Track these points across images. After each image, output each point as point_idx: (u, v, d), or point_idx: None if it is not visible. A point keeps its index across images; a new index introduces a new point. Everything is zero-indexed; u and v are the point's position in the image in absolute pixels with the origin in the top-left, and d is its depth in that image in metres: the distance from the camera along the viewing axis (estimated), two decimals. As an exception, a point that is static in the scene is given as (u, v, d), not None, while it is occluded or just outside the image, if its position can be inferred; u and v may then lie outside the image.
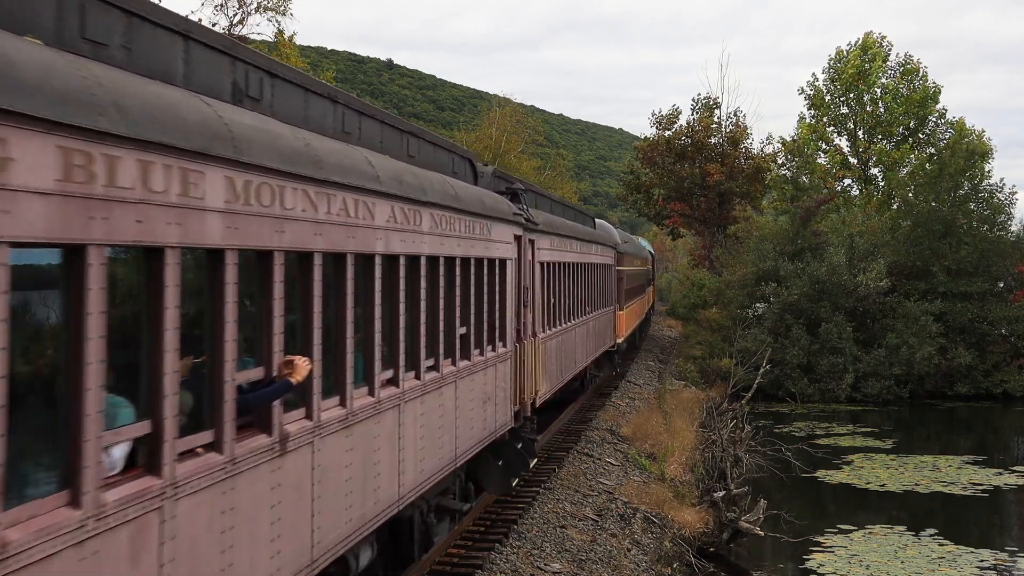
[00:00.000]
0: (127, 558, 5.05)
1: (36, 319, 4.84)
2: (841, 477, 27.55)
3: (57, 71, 4.61)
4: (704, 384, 39.62)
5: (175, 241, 5.40)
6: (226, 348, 6.11)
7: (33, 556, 4.37)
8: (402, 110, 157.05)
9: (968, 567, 19.54)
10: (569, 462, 20.57)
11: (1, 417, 4.22)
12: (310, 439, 7.44)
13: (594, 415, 26.60)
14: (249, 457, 6.41)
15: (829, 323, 43.17)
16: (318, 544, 7.54)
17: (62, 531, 4.55)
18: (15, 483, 4.38)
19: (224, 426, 6.12)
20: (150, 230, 5.15)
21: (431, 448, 10.71)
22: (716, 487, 20.93)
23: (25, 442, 4.56)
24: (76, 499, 4.68)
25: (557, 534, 15.57)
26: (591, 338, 25.94)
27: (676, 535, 18.30)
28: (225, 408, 6.12)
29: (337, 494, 7.97)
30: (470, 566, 13.05)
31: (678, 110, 61.87)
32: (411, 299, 10.01)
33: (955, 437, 36.61)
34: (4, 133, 4.14)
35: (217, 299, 6.07)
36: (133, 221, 5.00)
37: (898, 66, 60.10)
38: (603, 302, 28.49)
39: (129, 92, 5.18)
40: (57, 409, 4.79)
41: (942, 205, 47.23)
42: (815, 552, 20.40)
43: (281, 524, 6.86)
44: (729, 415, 28.46)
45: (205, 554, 5.82)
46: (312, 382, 7.44)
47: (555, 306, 19.62)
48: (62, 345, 4.78)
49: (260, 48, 36.71)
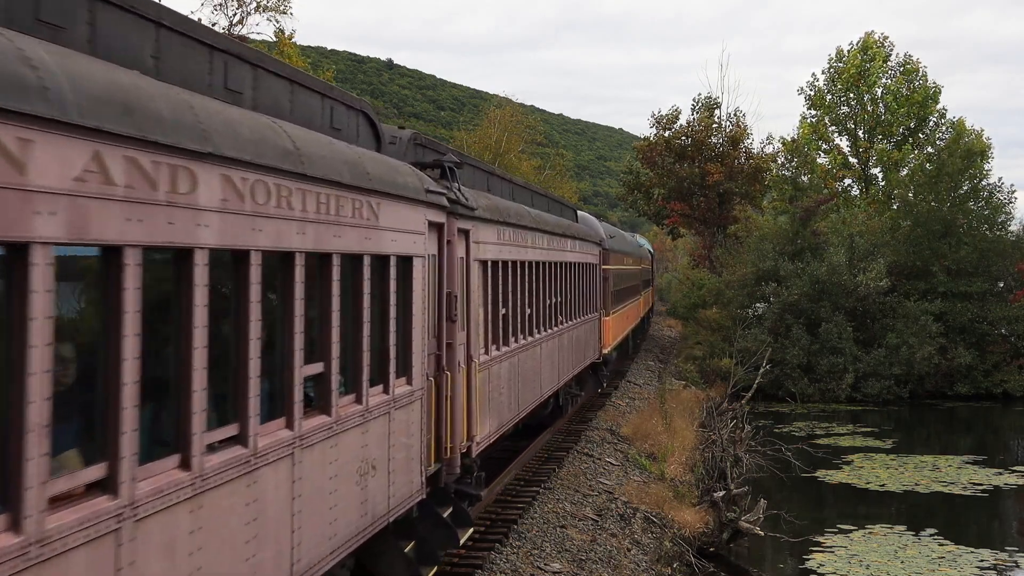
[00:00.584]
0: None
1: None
2: (841, 477, 27.55)
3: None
4: (704, 384, 39.62)
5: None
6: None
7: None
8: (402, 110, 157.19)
9: (968, 567, 19.53)
10: (569, 462, 20.57)
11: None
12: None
13: (594, 415, 26.59)
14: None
15: (829, 323, 43.17)
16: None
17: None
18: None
19: None
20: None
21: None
22: (716, 487, 20.92)
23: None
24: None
25: (557, 534, 15.56)
26: (568, 352, 21.94)
27: (676, 535, 18.30)
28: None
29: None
30: (470, 566, 13.04)
31: (678, 110, 61.96)
32: (163, 328, 5.75)
33: (955, 437, 36.61)
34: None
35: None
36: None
37: (898, 66, 60.13)
38: (585, 308, 24.50)
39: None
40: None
41: (942, 205, 47.24)
42: (815, 552, 20.39)
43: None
44: (729, 415, 28.45)
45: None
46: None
47: (508, 318, 15.44)
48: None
49: (260, 48, 36.72)
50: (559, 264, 20.43)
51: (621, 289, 33.59)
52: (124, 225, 5.04)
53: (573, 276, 22.41)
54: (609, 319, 29.27)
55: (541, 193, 23.10)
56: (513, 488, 17.77)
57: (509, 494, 17.31)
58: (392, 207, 9.27)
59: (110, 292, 5.09)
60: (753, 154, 60.47)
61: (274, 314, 7.05)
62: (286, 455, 7.07)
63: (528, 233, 17.13)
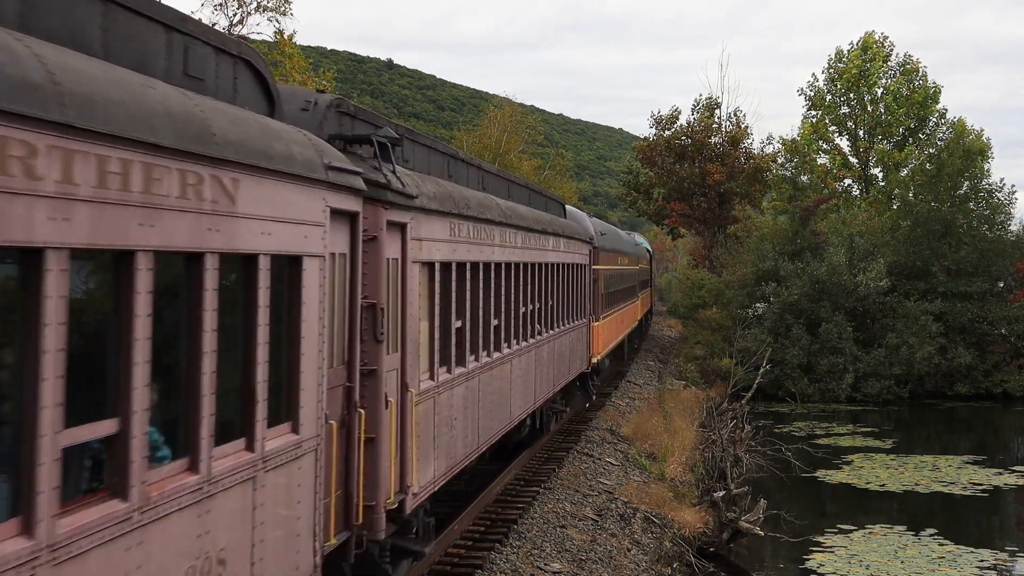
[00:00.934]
0: None
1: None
2: (841, 477, 27.55)
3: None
4: (704, 384, 39.62)
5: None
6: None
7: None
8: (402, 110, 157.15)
9: (968, 567, 19.53)
10: (569, 462, 20.57)
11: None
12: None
13: (594, 415, 26.59)
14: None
15: (829, 323, 43.17)
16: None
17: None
18: None
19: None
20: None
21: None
22: (716, 487, 20.92)
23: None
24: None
25: (557, 534, 15.57)
26: (548, 366, 19.28)
27: (676, 535, 18.30)
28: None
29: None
30: (470, 566, 13.04)
31: (677, 111, 61.95)
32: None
33: (955, 437, 36.60)
34: None
35: None
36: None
37: (898, 66, 60.14)
38: (570, 314, 21.91)
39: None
40: None
41: (941, 205, 47.24)
42: (815, 552, 20.39)
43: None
44: (729, 415, 28.45)
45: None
46: None
47: (464, 332, 12.83)
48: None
49: (260, 48, 36.69)
50: (538, 265, 17.90)
51: (614, 291, 31.13)
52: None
53: (556, 279, 19.86)
54: (599, 324, 26.63)
55: (521, 184, 20.06)
56: (513, 488, 17.77)
57: (509, 494, 17.31)
58: (262, 186, 6.53)
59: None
60: (753, 154, 60.48)
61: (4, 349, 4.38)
62: (113, 537, 4.86)
63: (496, 229, 14.36)
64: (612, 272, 30.93)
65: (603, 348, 27.83)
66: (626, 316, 36.24)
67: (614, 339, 31.57)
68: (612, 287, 30.70)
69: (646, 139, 63.17)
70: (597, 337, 26.17)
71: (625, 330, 36.45)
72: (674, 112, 61.65)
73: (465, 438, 12.92)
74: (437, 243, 11.41)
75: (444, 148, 14.15)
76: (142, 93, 5.29)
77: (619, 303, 32.97)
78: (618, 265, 33.36)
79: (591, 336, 25.26)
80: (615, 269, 32.11)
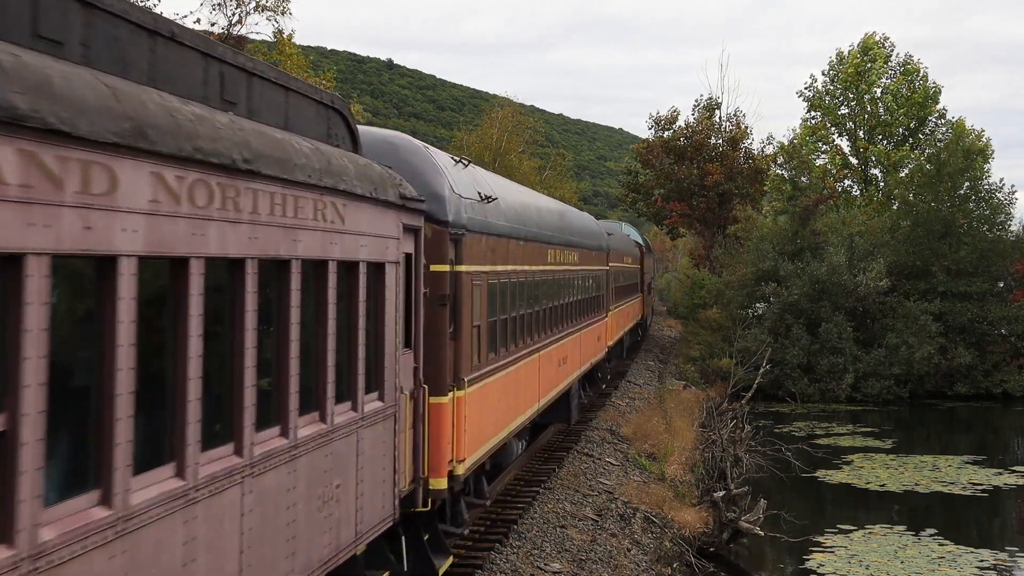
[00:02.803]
0: None
1: None
2: (841, 477, 27.55)
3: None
4: (704, 384, 39.62)
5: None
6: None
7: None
8: (402, 110, 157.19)
9: (968, 567, 19.54)
10: (569, 462, 20.58)
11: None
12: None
13: (594, 415, 26.60)
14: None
15: (829, 323, 43.18)
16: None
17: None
18: None
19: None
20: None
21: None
22: (716, 487, 20.93)
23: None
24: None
25: (557, 534, 15.57)
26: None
27: (676, 535, 18.31)
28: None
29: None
30: (470, 566, 13.05)
31: (676, 111, 61.92)
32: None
33: (955, 437, 36.61)
34: None
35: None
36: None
37: (898, 66, 60.13)
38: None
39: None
40: None
41: (941, 205, 47.25)
42: (815, 552, 20.40)
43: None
44: (729, 415, 28.46)
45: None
46: None
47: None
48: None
49: (259, 48, 36.68)
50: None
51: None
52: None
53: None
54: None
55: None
56: (513, 488, 17.78)
57: (509, 494, 17.32)
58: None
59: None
60: (753, 155, 60.49)
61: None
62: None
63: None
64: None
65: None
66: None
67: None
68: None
69: (645, 140, 63.18)
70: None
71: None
72: (673, 113, 61.70)
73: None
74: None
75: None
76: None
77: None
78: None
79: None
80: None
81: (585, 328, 23.83)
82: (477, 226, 12.82)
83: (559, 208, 23.05)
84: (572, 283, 21.80)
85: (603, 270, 28.08)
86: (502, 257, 14.44)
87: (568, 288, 21.16)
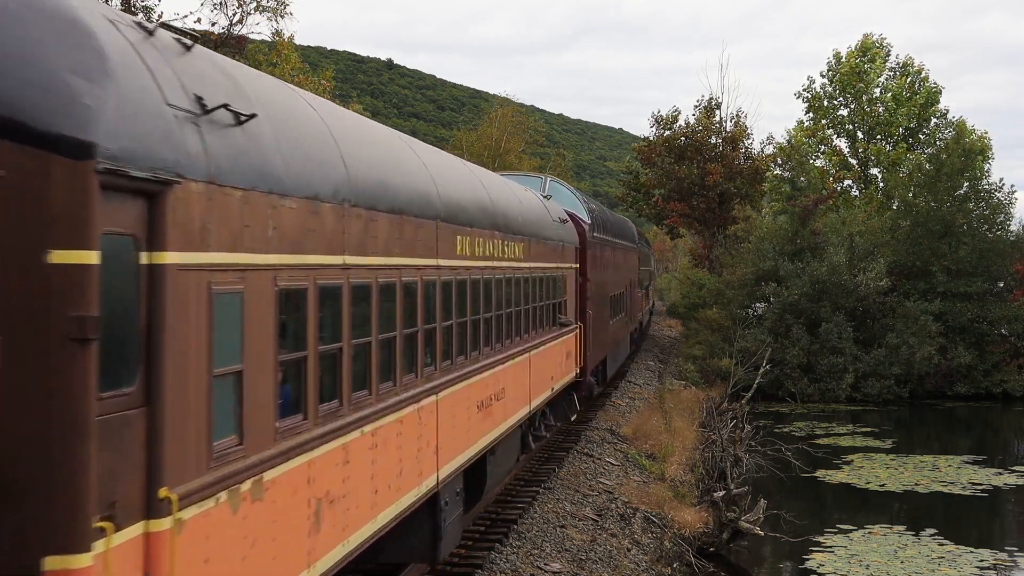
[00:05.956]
0: None
1: None
2: (841, 477, 27.55)
3: None
4: (704, 384, 39.60)
5: None
6: None
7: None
8: (402, 110, 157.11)
9: (968, 567, 19.54)
10: (569, 462, 20.57)
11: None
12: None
13: (594, 415, 26.59)
14: None
15: (829, 323, 43.17)
16: None
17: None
18: None
19: None
20: None
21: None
22: (716, 487, 20.93)
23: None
24: None
25: (557, 534, 15.57)
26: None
27: (676, 535, 18.30)
28: None
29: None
30: (470, 566, 13.05)
31: (677, 111, 61.87)
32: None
33: (955, 437, 36.61)
34: None
35: None
36: None
37: (898, 67, 60.12)
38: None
39: None
40: None
41: (941, 205, 47.23)
42: (815, 552, 20.40)
43: None
44: (729, 415, 28.46)
45: None
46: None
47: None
48: None
49: (259, 48, 36.66)
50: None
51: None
52: None
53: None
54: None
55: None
56: (513, 488, 17.78)
57: (509, 494, 17.31)
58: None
59: None
60: (753, 155, 60.45)
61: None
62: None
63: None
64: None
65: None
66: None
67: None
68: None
69: (646, 139, 63.14)
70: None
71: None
72: (674, 113, 61.66)
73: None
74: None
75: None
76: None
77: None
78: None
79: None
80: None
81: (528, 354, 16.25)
82: (223, 168, 5.96)
83: (483, 173, 16.06)
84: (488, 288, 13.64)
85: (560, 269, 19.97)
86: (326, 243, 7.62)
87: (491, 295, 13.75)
